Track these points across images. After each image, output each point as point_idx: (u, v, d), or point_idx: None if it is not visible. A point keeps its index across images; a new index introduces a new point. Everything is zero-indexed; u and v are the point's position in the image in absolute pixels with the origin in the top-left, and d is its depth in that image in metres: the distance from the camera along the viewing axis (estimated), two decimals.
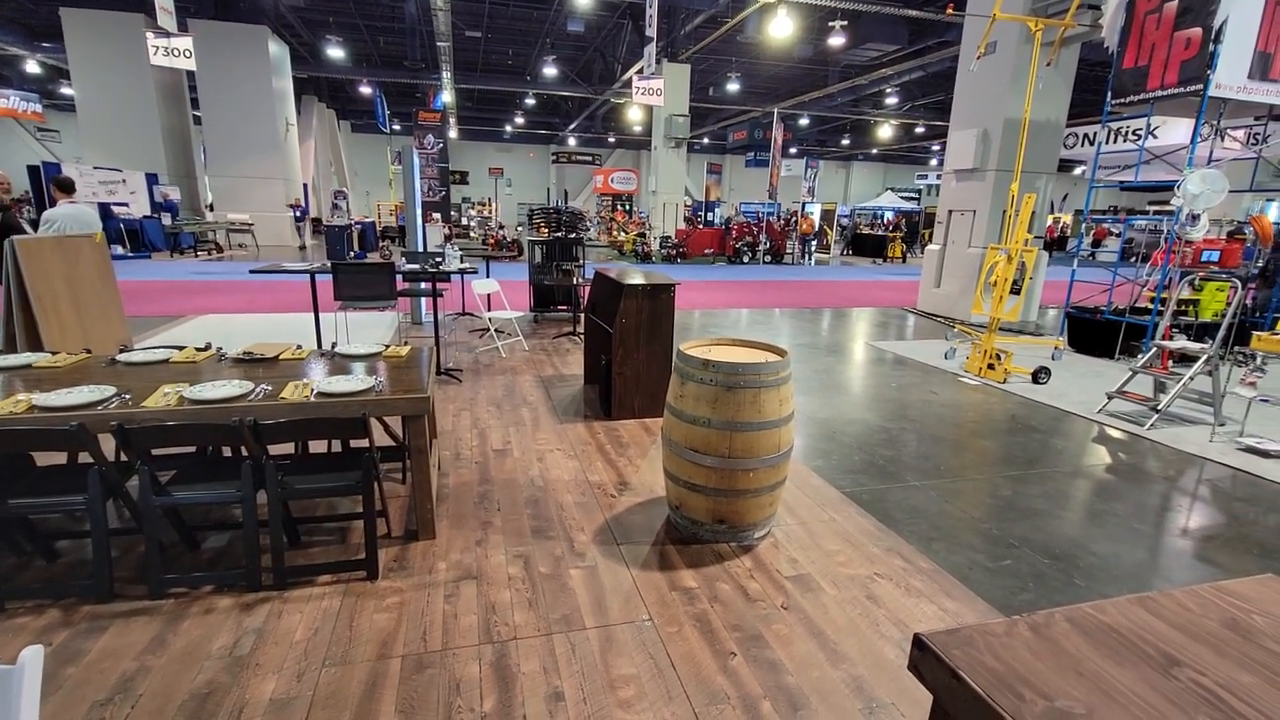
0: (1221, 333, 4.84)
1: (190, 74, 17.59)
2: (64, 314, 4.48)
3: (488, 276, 7.15)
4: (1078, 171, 27.50)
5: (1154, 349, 5.27)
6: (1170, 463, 4.26)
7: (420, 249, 7.38)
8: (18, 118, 21.51)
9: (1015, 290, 6.18)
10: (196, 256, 15.83)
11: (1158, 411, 4.89)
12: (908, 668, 0.84)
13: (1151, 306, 6.88)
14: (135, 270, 12.69)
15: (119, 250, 14.76)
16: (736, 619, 2.41)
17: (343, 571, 2.59)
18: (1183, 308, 7.05)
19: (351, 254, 15.73)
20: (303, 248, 18.34)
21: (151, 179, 17.85)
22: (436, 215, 18.74)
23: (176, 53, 12.03)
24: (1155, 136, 11.38)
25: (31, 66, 20.88)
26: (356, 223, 17.04)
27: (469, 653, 2.18)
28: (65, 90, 21.91)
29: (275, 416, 2.41)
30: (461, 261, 8.10)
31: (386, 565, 2.68)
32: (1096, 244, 25.55)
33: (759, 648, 2.25)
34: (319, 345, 5.31)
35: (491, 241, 17.33)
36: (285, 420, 2.41)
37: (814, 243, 24.79)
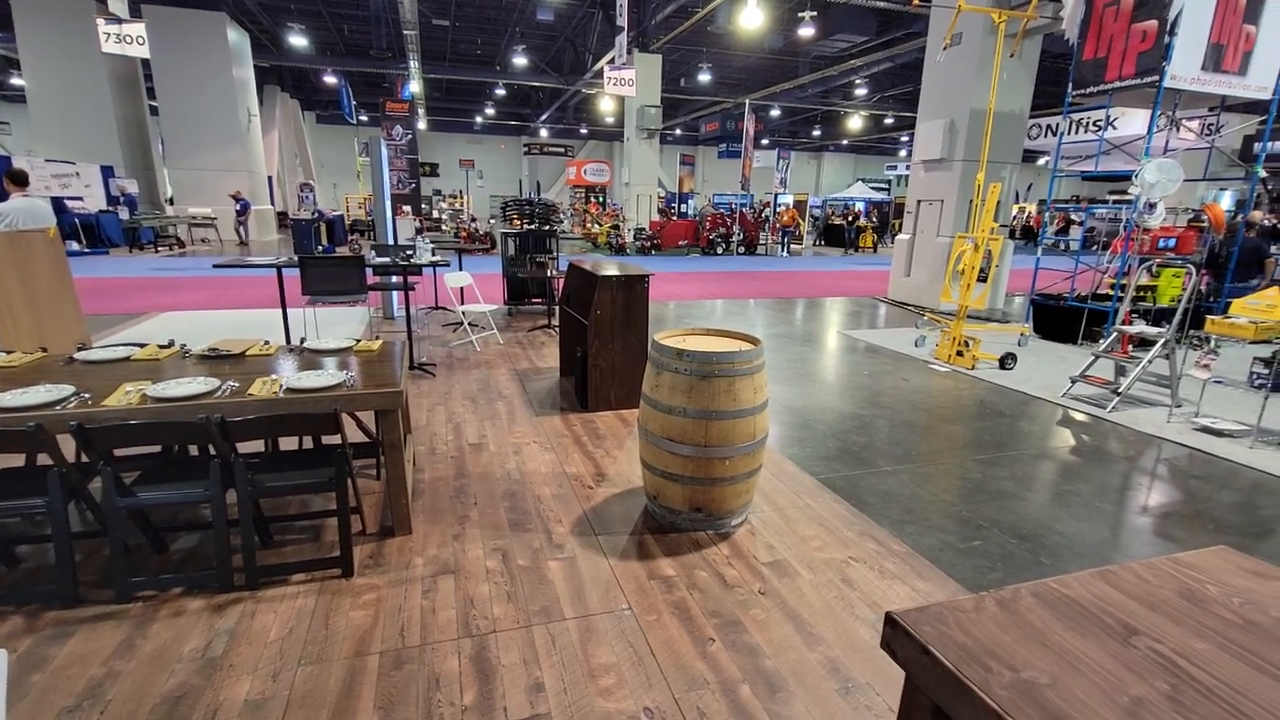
0: (1178, 317, 5.00)
1: (146, 63, 17.02)
2: (18, 312, 4.33)
3: (460, 270, 7.07)
4: (1040, 162, 28.10)
5: (1114, 334, 5.43)
6: (1130, 443, 4.40)
7: (390, 242, 7.27)
8: None
9: (982, 278, 6.31)
10: (157, 252, 15.38)
11: (1118, 394, 5.05)
12: (880, 645, 0.87)
13: (1112, 293, 7.09)
14: (93, 267, 12.28)
15: (74, 246, 14.27)
16: (715, 605, 2.43)
17: (317, 570, 2.56)
18: (1141, 294, 7.27)
19: (319, 248, 15.43)
20: (242, 244, 17.61)
21: (107, 172, 17.26)
22: (407, 208, 18.44)
23: (129, 39, 11.62)
24: (1115, 127, 11.66)
25: None
26: (323, 215, 16.67)
27: (448, 647, 2.17)
28: (16, 81, 21.04)
29: (243, 414, 2.36)
30: (433, 254, 8.01)
31: (362, 562, 2.65)
32: (1061, 232, 26.20)
33: (737, 633, 2.28)
34: (287, 341, 5.21)
35: (464, 234, 17.13)
36: (254, 417, 2.36)
37: (792, 233, 25.03)
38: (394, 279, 7.09)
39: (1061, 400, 5.30)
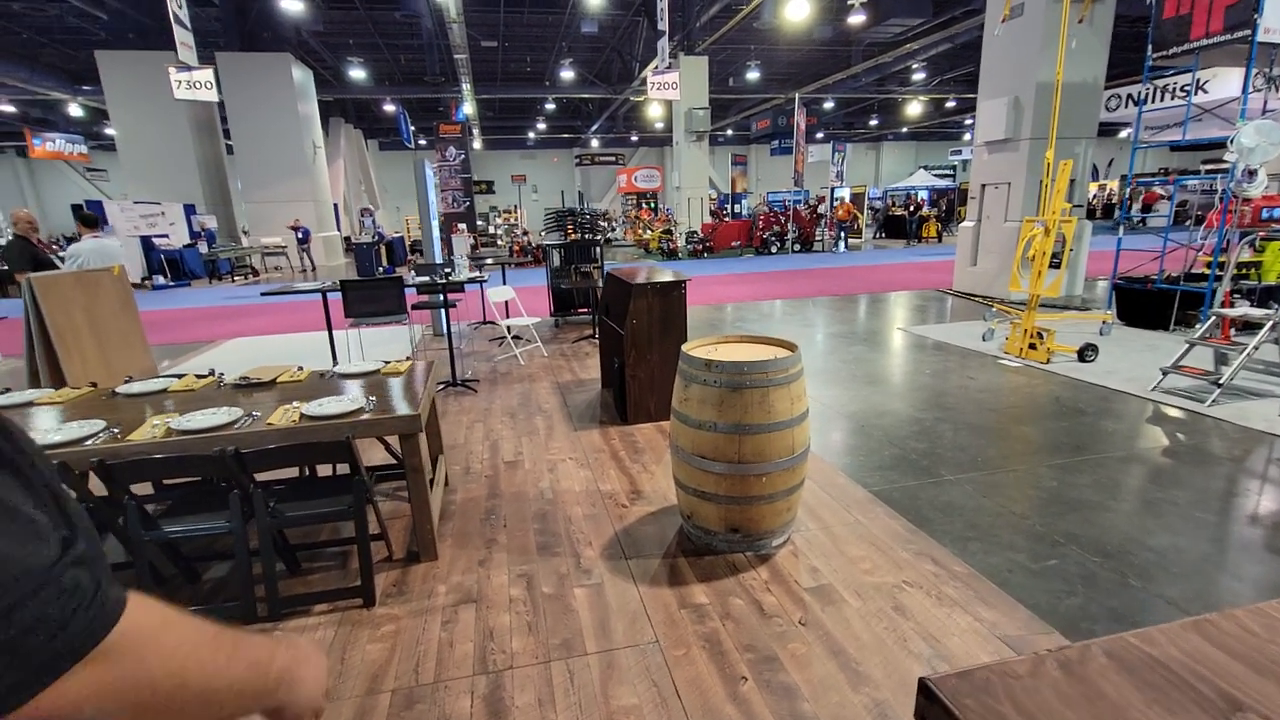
0: None
1: (221, 105, 18.15)
2: (85, 347, 4.56)
3: (503, 283, 7.09)
4: (1123, 135, 26.17)
5: (1212, 318, 4.87)
6: (1236, 441, 3.90)
7: (438, 261, 7.37)
8: (65, 159, 22.50)
9: (1055, 264, 5.81)
10: (234, 281, 16.30)
11: (1220, 386, 4.50)
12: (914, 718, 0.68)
13: (1208, 272, 6.40)
14: (175, 299, 13.11)
15: (160, 280, 15.29)
16: (749, 638, 2.23)
17: (339, 599, 2.51)
18: (1243, 271, 6.54)
19: (380, 269, 15.97)
20: (304, 271, 18.26)
21: (189, 209, 18.47)
22: (462, 225, 18.92)
23: (199, 85, 12.36)
24: (1205, 91, 10.67)
25: (74, 109, 21.80)
26: (384, 238, 17.27)
27: (462, 685, 2.06)
28: (109, 130, 22.90)
29: (262, 443, 2.34)
30: (481, 270, 8.08)
31: (385, 590, 2.58)
32: (1147, 209, 24.31)
33: (773, 670, 2.08)
34: (334, 363, 5.31)
35: (516, 248, 17.39)
36: (271, 447, 2.33)
37: (849, 227, 24.24)
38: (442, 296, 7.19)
39: (1151, 394, 4.78)
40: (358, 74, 22.07)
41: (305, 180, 19.34)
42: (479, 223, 29.48)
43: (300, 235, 17.65)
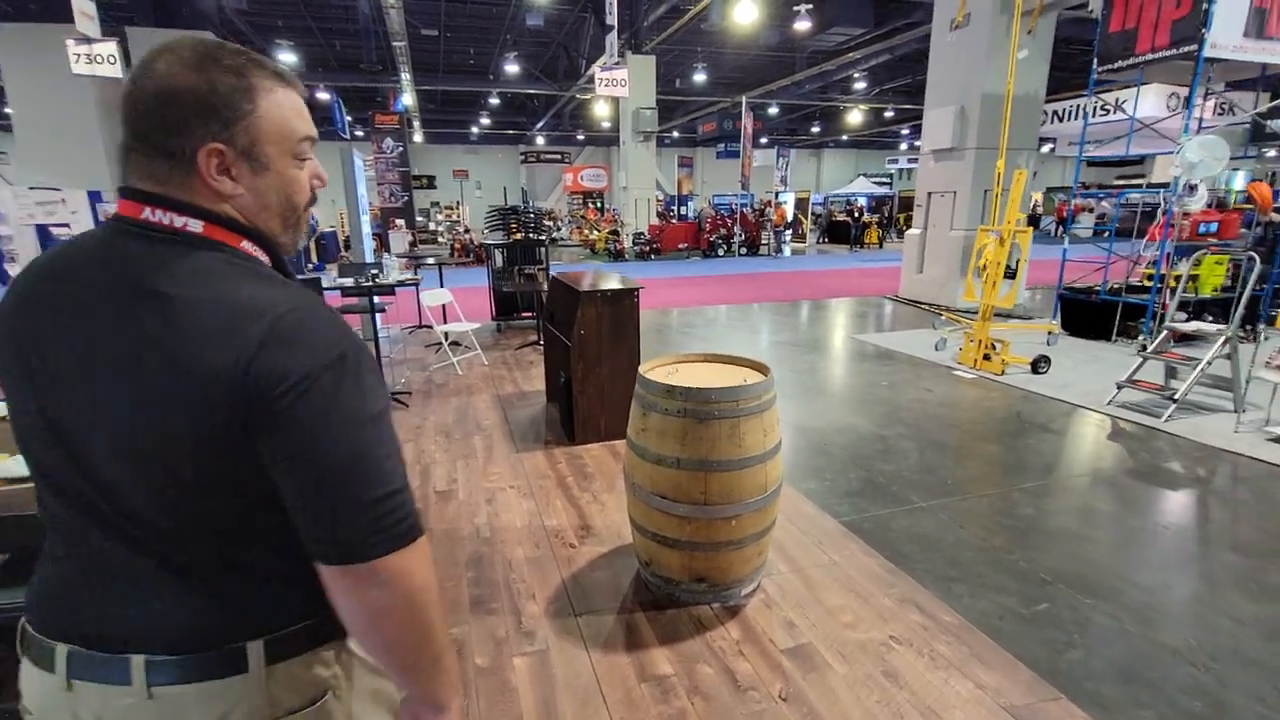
0: (1240, 310, 4.43)
1: None
2: None
3: (440, 285, 6.57)
4: (1046, 149, 27.42)
5: (1165, 331, 4.86)
6: (1197, 460, 3.83)
7: (368, 260, 6.79)
8: None
9: (1009, 274, 5.75)
10: None
11: (1175, 401, 4.47)
12: None
13: (1149, 284, 6.50)
14: None
15: None
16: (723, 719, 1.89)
17: None
18: (1174, 284, 6.68)
19: (310, 266, 15.01)
20: None
21: (94, 196, 16.94)
22: (400, 221, 18.05)
23: (99, 59, 11.23)
24: (1122, 110, 11.08)
25: None
26: (315, 231, 16.24)
27: None
28: (8, 110, 20.83)
29: None
30: (416, 271, 7.52)
31: None
32: (1062, 222, 25.49)
33: None
34: None
35: (457, 246, 16.68)
36: None
37: (788, 233, 24.48)
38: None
39: (1108, 409, 4.73)
40: (288, 58, 20.78)
41: None
42: (419, 218, 28.42)
43: None
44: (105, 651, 0.74)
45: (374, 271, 4.73)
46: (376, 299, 5.23)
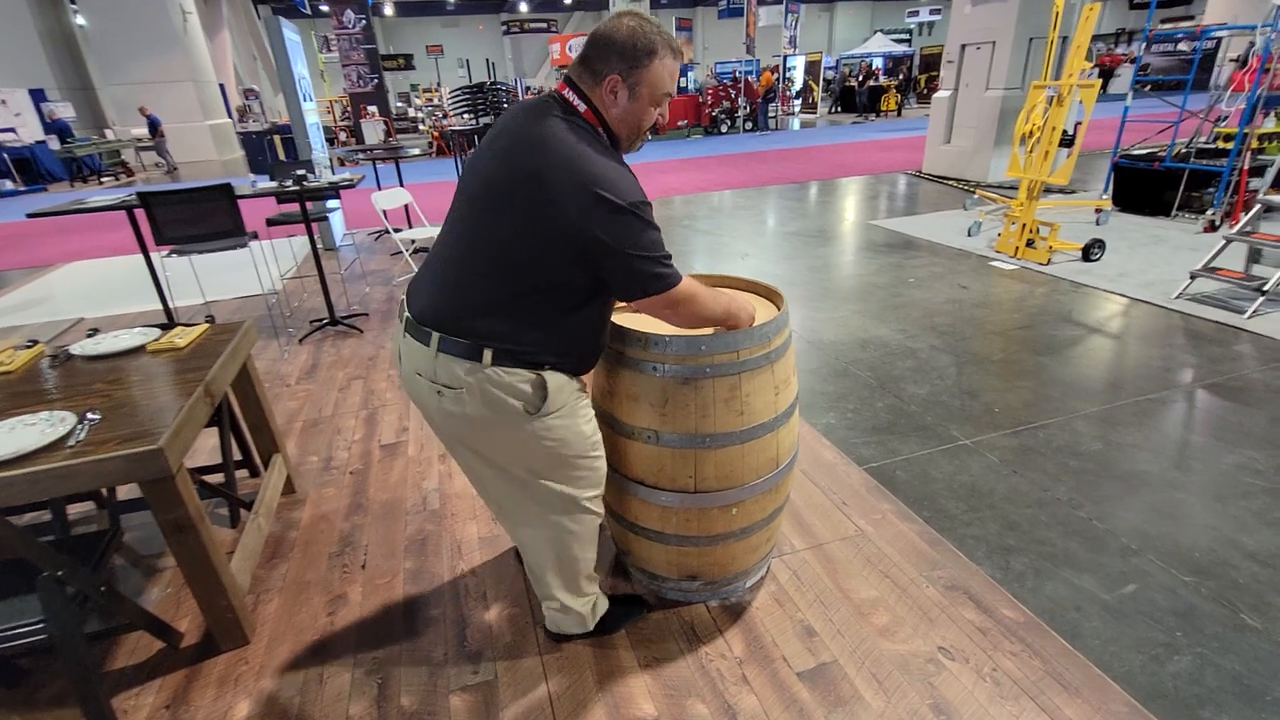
0: None
1: None
2: None
3: (399, 183, 5.72)
4: None
5: (1257, 205, 4.05)
6: None
7: (316, 157, 5.90)
8: None
9: (1067, 142, 4.84)
10: (101, 184, 13.94)
11: (1263, 293, 3.76)
12: None
13: (1225, 147, 5.55)
14: (26, 206, 11.00)
15: (9, 186, 12.91)
16: None
17: None
18: (1260, 145, 5.71)
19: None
20: (172, 170, 15.47)
21: (38, 96, 15.52)
22: (372, 108, 16.55)
23: None
24: None
25: None
26: (279, 126, 14.91)
27: None
28: None
29: None
30: (353, 162, 6.59)
31: (152, 715, 1.65)
32: (1106, 75, 23.22)
33: None
34: (164, 304, 4.07)
35: (435, 136, 15.33)
36: None
37: (797, 103, 22.50)
38: (330, 204, 5.81)
39: (1178, 304, 4.03)
40: None
41: (177, 56, 16.38)
42: (398, 104, 26.32)
43: (151, 126, 14.76)
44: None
45: (299, 174, 3.93)
46: (321, 207, 4.46)
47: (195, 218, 3.46)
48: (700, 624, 1.85)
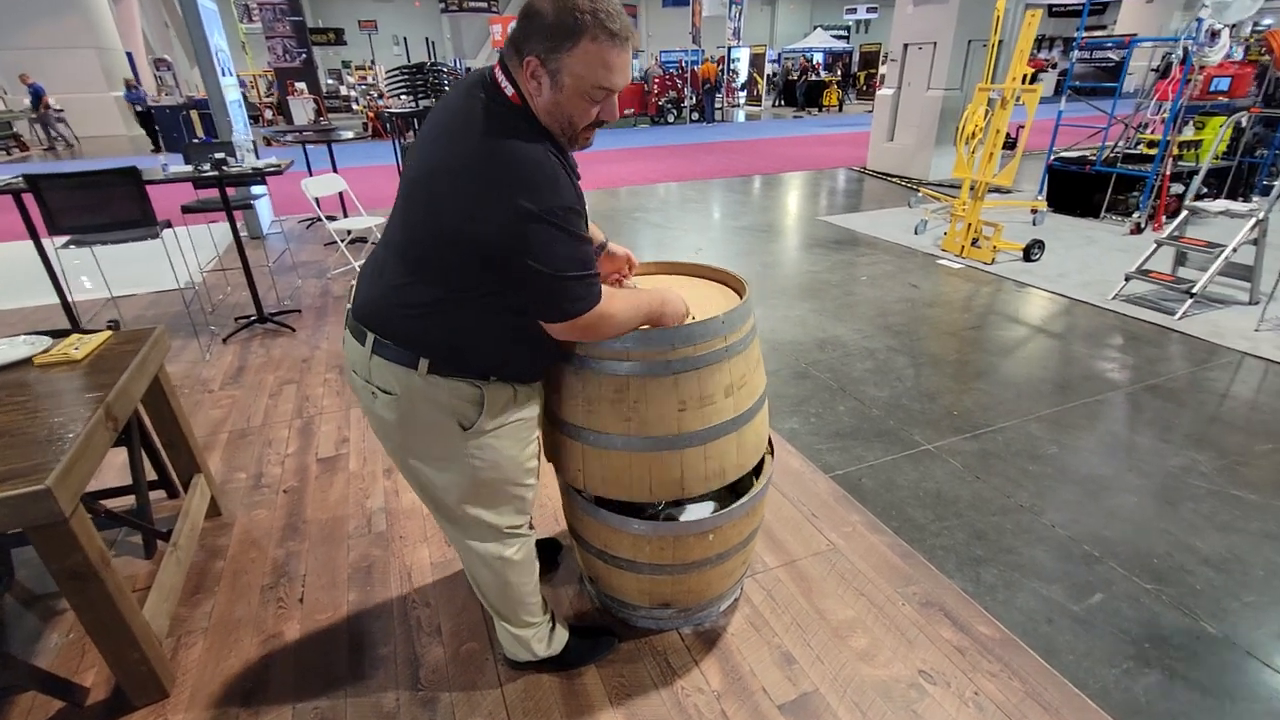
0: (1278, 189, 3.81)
1: None
2: None
3: (333, 169, 5.36)
4: None
5: (1186, 211, 4.24)
6: (1224, 369, 3.34)
7: (237, 137, 5.45)
8: None
9: (1010, 144, 4.95)
10: None
11: (1191, 295, 3.93)
12: None
13: (1149, 152, 5.82)
14: None
15: None
16: None
17: None
18: (1180, 151, 6.02)
19: (194, 142, 12.89)
20: (50, 148, 14.01)
21: None
22: (301, 85, 15.64)
23: None
24: None
25: None
26: (195, 101, 13.88)
27: None
28: None
29: None
30: (281, 143, 6.20)
31: None
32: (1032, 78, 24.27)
33: None
34: (63, 300, 3.65)
35: (371, 116, 14.63)
36: None
37: (742, 94, 22.61)
38: (257, 190, 5.38)
39: (1114, 305, 4.18)
40: None
41: (75, 19, 15.03)
42: (329, 81, 24.99)
43: (32, 97, 13.31)
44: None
45: (219, 157, 3.58)
46: (242, 195, 4.10)
47: (96, 205, 3.08)
48: (674, 654, 1.75)
